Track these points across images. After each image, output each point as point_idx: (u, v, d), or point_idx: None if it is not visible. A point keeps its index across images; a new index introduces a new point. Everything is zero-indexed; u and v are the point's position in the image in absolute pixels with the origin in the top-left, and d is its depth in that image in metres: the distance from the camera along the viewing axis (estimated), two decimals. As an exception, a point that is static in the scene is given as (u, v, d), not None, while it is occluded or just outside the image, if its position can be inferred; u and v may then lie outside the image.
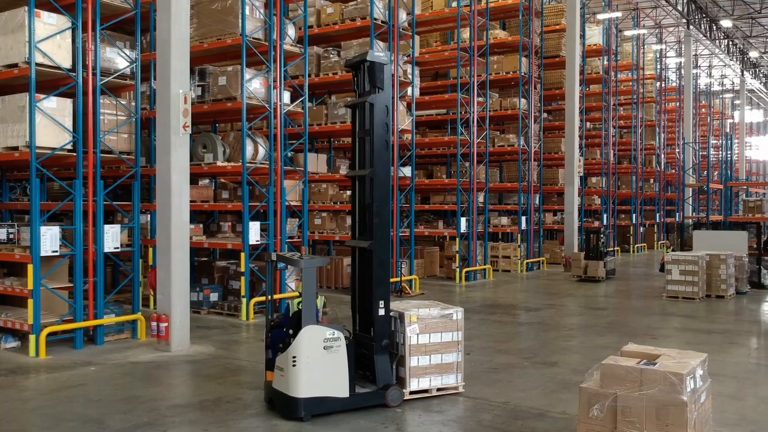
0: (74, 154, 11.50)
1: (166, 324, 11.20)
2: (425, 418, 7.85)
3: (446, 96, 21.79)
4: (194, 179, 16.34)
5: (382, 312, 8.29)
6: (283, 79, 15.11)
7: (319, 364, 7.71)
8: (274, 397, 7.97)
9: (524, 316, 15.00)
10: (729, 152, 24.17)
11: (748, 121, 56.85)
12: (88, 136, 11.57)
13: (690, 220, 24.81)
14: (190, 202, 14.84)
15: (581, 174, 25.19)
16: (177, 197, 11.39)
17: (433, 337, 8.58)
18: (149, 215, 15.40)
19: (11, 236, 11.56)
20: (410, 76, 19.02)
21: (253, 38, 14.55)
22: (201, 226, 15.96)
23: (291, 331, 7.85)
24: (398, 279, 17.69)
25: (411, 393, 8.43)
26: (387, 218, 8.43)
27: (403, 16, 18.61)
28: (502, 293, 18.85)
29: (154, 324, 11.29)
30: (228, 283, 16.03)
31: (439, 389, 8.63)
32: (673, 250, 21.35)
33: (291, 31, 15.75)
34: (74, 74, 11.45)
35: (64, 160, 11.94)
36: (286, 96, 15.41)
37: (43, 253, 10.95)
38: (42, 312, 11.13)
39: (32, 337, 10.85)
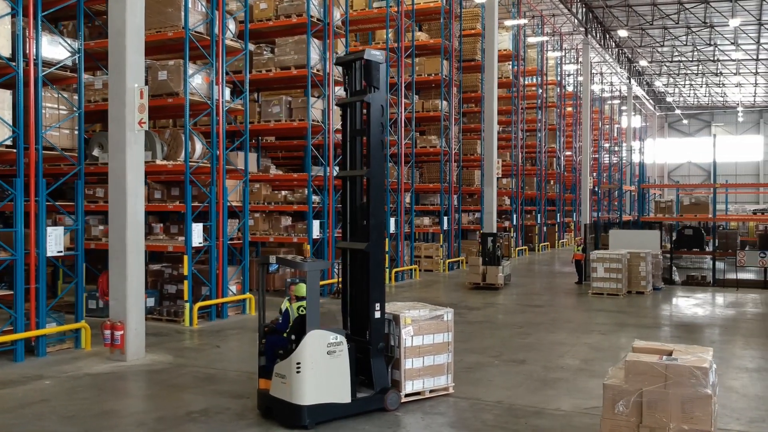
0: (14, 150, 10.60)
1: (121, 332, 10.52)
2: (429, 420, 7.79)
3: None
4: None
5: (378, 314, 8.14)
6: (224, 74, 14.61)
7: (322, 369, 7.49)
8: (272, 405, 7.65)
9: (470, 315, 15.19)
10: (641, 156, 25.51)
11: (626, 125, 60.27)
12: (29, 131, 10.70)
13: (600, 220, 25.94)
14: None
15: (499, 175, 25.83)
16: (132, 197, 10.74)
17: (426, 339, 8.53)
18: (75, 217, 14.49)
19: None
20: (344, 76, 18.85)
21: (196, 32, 13.98)
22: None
23: (293, 337, 7.57)
24: (335, 280, 17.47)
25: (406, 395, 8.34)
26: (383, 219, 8.29)
27: (336, 14, 18.42)
28: (435, 293, 19.03)
29: (107, 332, 10.58)
30: (163, 287, 15.28)
31: (431, 391, 8.58)
32: (584, 249, 22.22)
33: (231, 26, 15.25)
34: (14, 64, 10.56)
35: (2, 156, 10.99)
36: (227, 92, 14.90)
37: (-18, 259, 10.05)
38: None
39: (-30, 350, 9.94)
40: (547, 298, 18.35)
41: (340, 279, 11.94)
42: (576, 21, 37.76)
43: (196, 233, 13.82)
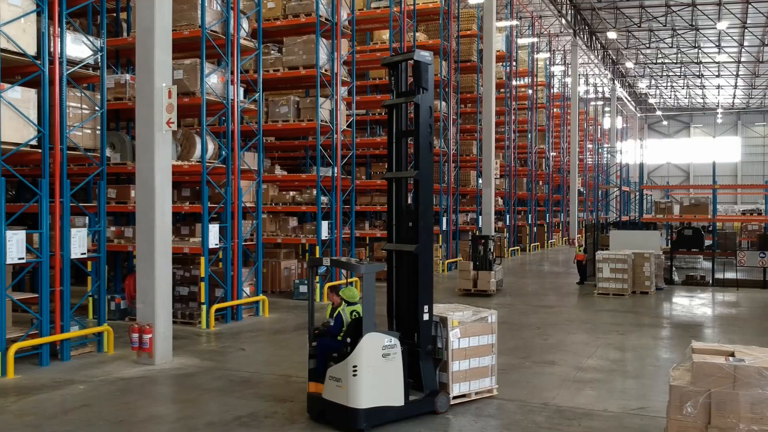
0: (39, 150, 10.40)
1: (149, 335, 10.36)
2: (483, 423, 7.77)
3: (378, 97, 21.70)
4: (132, 179, 15.30)
5: (426, 317, 8.11)
6: (239, 74, 14.49)
7: (378, 372, 7.43)
8: (326, 409, 7.57)
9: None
10: (642, 158, 25.78)
11: (609, 126, 60.93)
12: (54, 131, 10.50)
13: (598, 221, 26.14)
14: (135, 203, 13.93)
15: (498, 176, 25.90)
16: (160, 199, 10.59)
17: (471, 341, 8.51)
18: (87, 218, 14.27)
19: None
20: (350, 76, 18.84)
21: (211, 31, 13.83)
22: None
23: (349, 340, 7.50)
24: (345, 281, 17.37)
25: (453, 398, 8.31)
26: (431, 221, 8.26)
27: (343, 14, 18.33)
28: (439, 295, 19.01)
29: (135, 336, 10.42)
30: (174, 289, 15.06)
31: (476, 393, 8.57)
32: (585, 250, 22.39)
33: (245, 25, 15.11)
34: (39, 62, 10.35)
35: (26, 156, 10.78)
36: (241, 92, 14.78)
37: (8, 261, 9.82)
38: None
39: (-3, 355, 9.72)
40: (554, 299, 18.43)
41: (349, 280, 11.96)
42: (564, 22, 38.05)
43: (213, 234, 13.67)
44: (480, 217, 26.24)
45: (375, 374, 7.39)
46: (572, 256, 29.26)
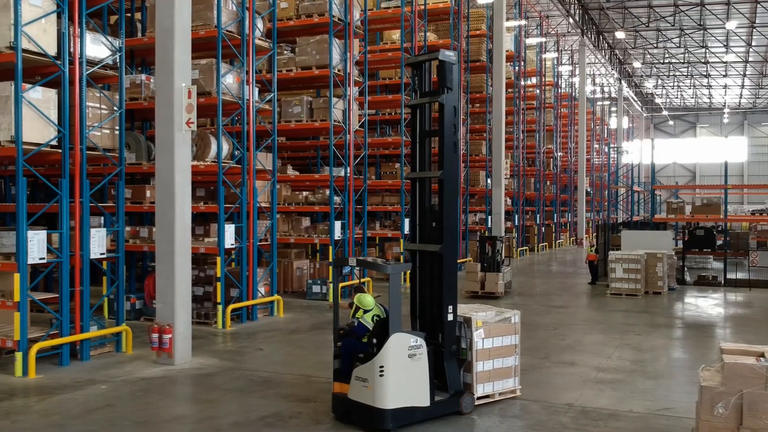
0: (59, 150, 10.41)
1: (169, 335, 10.37)
2: (508, 424, 7.76)
3: (388, 97, 21.69)
4: (147, 179, 15.35)
5: (450, 317, 8.09)
6: (254, 74, 14.49)
7: (404, 373, 7.42)
8: (351, 409, 7.56)
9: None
10: (651, 158, 25.77)
11: (616, 126, 60.85)
12: (74, 131, 10.51)
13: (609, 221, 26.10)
14: (150, 203, 13.99)
15: (508, 176, 25.89)
16: (180, 198, 10.60)
17: (495, 341, 8.50)
18: (102, 218, 14.29)
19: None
20: (361, 76, 18.84)
21: (227, 31, 13.83)
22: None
23: (375, 341, 7.49)
24: (359, 281, 17.35)
25: (477, 398, 8.30)
26: (456, 222, 8.25)
27: (356, 14, 18.32)
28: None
29: (155, 336, 10.42)
30: (189, 289, 15.07)
31: (500, 393, 8.55)
32: (596, 250, 22.35)
33: (260, 25, 15.11)
34: (60, 62, 10.36)
35: (47, 157, 10.78)
36: (256, 92, 14.77)
37: (30, 261, 9.83)
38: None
39: (19, 355, 9.72)
40: (566, 299, 18.39)
41: (361, 280, 11.95)
42: (572, 22, 38.01)
43: (229, 234, 13.68)
44: (489, 217, 26.24)
45: (401, 374, 7.39)
46: (580, 256, 29.29)
